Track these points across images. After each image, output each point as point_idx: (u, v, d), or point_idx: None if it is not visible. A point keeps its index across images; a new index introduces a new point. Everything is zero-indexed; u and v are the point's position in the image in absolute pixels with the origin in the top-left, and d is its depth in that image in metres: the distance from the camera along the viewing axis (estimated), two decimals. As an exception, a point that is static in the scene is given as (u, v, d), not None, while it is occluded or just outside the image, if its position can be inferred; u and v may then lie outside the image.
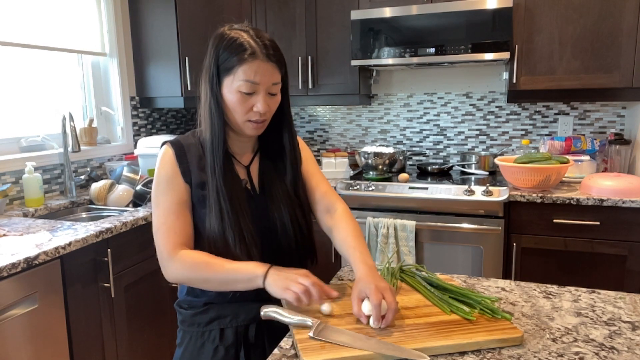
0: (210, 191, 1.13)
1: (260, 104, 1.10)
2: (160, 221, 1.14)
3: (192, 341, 1.20)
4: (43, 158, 2.40)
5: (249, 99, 1.10)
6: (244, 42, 1.08)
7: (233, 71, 1.08)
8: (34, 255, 1.56)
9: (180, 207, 1.14)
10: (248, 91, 1.09)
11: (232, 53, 1.08)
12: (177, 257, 1.12)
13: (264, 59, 1.08)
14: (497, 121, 2.93)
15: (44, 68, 2.56)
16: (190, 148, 1.17)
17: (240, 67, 1.07)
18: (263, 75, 1.09)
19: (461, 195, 2.33)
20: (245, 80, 1.08)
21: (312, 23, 2.77)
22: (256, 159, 1.25)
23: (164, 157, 1.16)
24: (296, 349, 0.92)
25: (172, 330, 2.30)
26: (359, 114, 3.20)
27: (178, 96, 2.99)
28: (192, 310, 1.20)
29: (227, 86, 1.10)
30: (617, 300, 1.13)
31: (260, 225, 1.17)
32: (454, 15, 2.42)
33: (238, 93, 1.09)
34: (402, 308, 1.05)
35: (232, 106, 1.11)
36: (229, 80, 1.10)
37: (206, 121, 1.14)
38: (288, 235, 1.19)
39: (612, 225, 2.16)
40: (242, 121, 1.12)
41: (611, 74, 2.33)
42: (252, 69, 1.07)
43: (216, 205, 1.12)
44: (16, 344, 1.54)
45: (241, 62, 1.07)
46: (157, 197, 1.15)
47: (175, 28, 2.93)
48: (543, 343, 0.93)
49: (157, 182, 1.16)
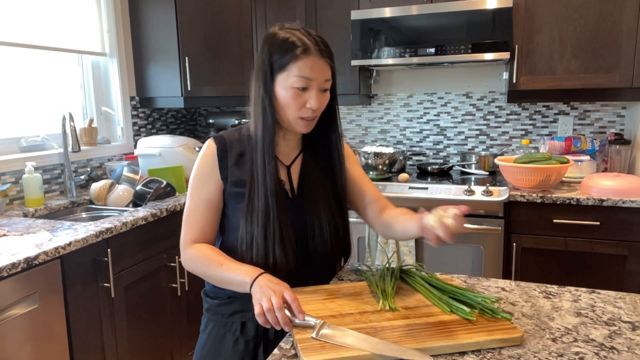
0: (251, 189, 1.15)
1: (314, 100, 1.11)
2: (187, 212, 1.20)
3: (215, 329, 1.24)
4: (43, 158, 2.40)
5: (302, 95, 1.11)
6: (298, 39, 1.10)
7: (287, 68, 1.10)
8: (34, 255, 1.56)
9: (207, 205, 1.18)
10: (302, 87, 1.10)
11: (286, 50, 1.10)
12: (189, 250, 1.18)
13: (317, 54, 1.10)
14: (497, 121, 2.93)
15: (44, 68, 2.56)
16: (233, 144, 1.19)
17: (295, 63, 1.09)
18: (317, 71, 1.10)
19: (461, 195, 2.33)
20: (300, 76, 1.09)
21: (312, 23, 2.77)
22: (299, 159, 1.25)
23: (206, 152, 1.19)
24: (296, 348, 0.92)
25: (172, 330, 2.30)
26: (359, 114, 3.20)
27: (178, 96, 2.99)
28: (218, 300, 1.23)
29: (281, 83, 1.12)
30: (617, 300, 1.13)
31: (295, 226, 1.17)
32: (454, 15, 2.42)
33: (292, 89, 1.10)
34: (402, 308, 1.05)
35: (285, 103, 1.12)
36: (283, 77, 1.11)
37: (257, 119, 1.15)
38: (324, 237, 1.20)
39: (612, 225, 2.16)
40: (294, 118, 1.13)
41: (611, 74, 2.33)
42: (306, 64, 1.09)
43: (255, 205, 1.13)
44: (16, 344, 1.54)
45: (295, 58, 1.09)
46: (192, 188, 1.20)
47: (175, 28, 2.93)
48: (543, 343, 0.93)
49: (194, 174, 1.20)
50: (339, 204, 1.25)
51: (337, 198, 1.25)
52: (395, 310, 1.04)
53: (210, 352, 1.23)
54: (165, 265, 2.23)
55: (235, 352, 1.20)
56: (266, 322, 0.98)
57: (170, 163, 2.69)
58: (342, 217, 1.25)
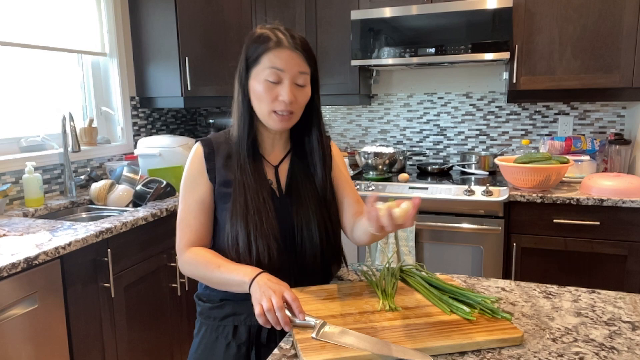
0: (235, 187, 1.15)
1: (285, 92, 1.10)
2: (180, 216, 1.20)
3: (207, 333, 1.23)
4: (43, 158, 2.40)
5: (275, 88, 1.11)
6: (272, 33, 1.11)
7: (260, 60, 1.11)
8: (34, 255, 1.56)
9: (200, 206, 1.18)
10: (274, 80, 1.10)
11: (259, 43, 1.11)
12: (185, 254, 1.18)
13: (289, 47, 1.10)
14: (497, 121, 2.93)
15: (44, 68, 2.56)
16: (220, 146, 1.20)
17: (266, 55, 1.10)
18: (288, 63, 1.10)
19: (461, 195, 2.33)
20: (271, 67, 1.10)
21: (312, 23, 2.77)
22: (286, 160, 1.25)
23: (194, 155, 1.20)
24: (296, 348, 0.92)
25: (172, 330, 2.30)
26: (359, 114, 3.20)
27: (178, 96, 2.99)
28: (210, 304, 1.23)
29: (255, 77, 1.12)
30: (617, 300, 1.13)
31: (282, 226, 1.17)
32: (454, 15, 2.42)
33: (265, 82, 1.11)
34: (402, 308, 1.05)
35: (258, 96, 1.12)
36: (256, 71, 1.12)
37: (235, 115, 1.17)
38: (313, 239, 1.19)
39: (612, 225, 2.16)
40: (267, 111, 1.13)
41: (611, 74, 2.33)
42: (277, 56, 1.10)
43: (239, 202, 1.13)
44: (16, 344, 1.54)
45: (267, 50, 1.10)
46: (183, 193, 1.20)
47: (175, 28, 2.93)
48: (543, 343, 0.93)
49: (184, 179, 1.20)
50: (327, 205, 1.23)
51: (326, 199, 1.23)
52: (396, 310, 1.04)
53: (202, 356, 1.22)
54: (165, 265, 2.23)
55: (228, 356, 1.19)
56: (266, 322, 0.98)
57: (170, 163, 2.69)
58: (331, 219, 1.24)
